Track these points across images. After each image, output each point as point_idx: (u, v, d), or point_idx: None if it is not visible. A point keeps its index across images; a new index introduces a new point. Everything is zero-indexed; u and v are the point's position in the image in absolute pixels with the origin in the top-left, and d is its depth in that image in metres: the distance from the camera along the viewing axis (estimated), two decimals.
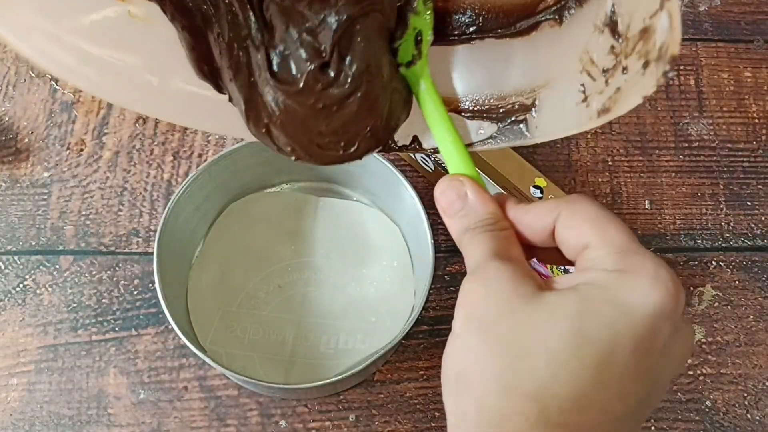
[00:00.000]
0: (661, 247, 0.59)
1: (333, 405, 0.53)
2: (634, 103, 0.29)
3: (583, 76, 0.32)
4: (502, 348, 0.26)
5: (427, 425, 0.53)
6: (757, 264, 0.59)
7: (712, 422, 0.54)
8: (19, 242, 0.58)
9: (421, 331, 0.56)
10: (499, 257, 0.29)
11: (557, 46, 0.34)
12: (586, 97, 0.32)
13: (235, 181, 0.55)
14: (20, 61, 0.65)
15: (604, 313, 0.25)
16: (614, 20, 0.30)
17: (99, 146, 0.62)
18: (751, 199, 0.61)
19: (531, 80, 0.36)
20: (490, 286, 0.28)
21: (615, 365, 0.25)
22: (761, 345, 0.56)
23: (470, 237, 0.30)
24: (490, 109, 0.37)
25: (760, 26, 0.68)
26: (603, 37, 0.31)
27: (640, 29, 0.28)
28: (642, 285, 0.26)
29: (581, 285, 0.26)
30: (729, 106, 0.64)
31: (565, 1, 0.33)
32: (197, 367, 0.54)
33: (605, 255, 0.27)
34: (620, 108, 0.30)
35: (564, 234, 0.29)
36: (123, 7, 0.35)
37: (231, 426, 0.53)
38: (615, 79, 0.30)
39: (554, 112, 0.35)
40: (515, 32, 0.36)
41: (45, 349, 0.55)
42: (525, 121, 0.36)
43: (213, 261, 0.56)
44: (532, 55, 0.36)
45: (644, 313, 0.25)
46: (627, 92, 0.29)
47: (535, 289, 0.27)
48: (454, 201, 0.32)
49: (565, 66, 0.34)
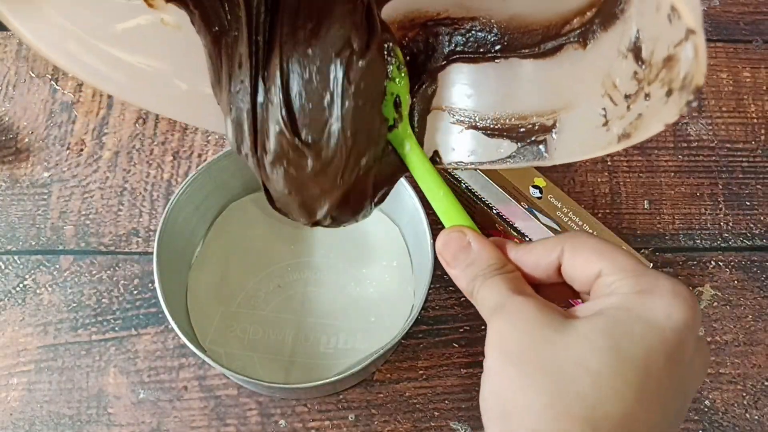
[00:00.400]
0: (660, 247, 0.59)
1: (332, 405, 0.54)
2: (656, 131, 0.29)
3: (605, 100, 0.32)
4: (544, 377, 0.26)
5: (426, 425, 0.53)
6: (756, 264, 0.59)
7: (711, 422, 0.54)
8: (19, 242, 0.58)
9: (420, 331, 0.56)
10: (518, 293, 0.29)
11: (580, 69, 0.35)
12: (607, 121, 0.32)
13: (235, 181, 0.55)
14: (20, 61, 0.65)
15: (634, 330, 0.26)
16: (638, 46, 0.30)
17: (99, 146, 0.62)
18: (750, 199, 0.61)
19: (552, 101, 0.36)
20: (518, 321, 0.28)
21: (653, 379, 0.26)
22: (760, 345, 0.56)
23: (481, 283, 0.31)
24: (510, 127, 0.38)
25: (759, 26, 0.68)
26: (626, 62, 0.30)
27: (664, 57, 0.28)
28: (664, 302, 0.27)
29: (606, 309, 0.27)
30: (728, 106, 0.64)
31: (590, 24, 0.33)
32: (197, 366, 0.54)
33: (620, 279, 0.28)
34: (641, 134, 0.30)
35: (573, 267, 0.30)
36: (155, 15, 0.36)
37: (231, 425, 0.53)
38: (637, 105, 0.30)
39: (574, 135, 0.35)
40: (539, 53, 0.36)
41: (45, 348, 0.55)
42: (545, 141, 0.36)
43: (213, 261, 0.56)
44: (555, 76, 0.36)
45: (671, 327, 0.26)
46: (649, 119, 0.29)
47: (562, 317, 0.28)
48: (458, 252, 0.32)
49: (587, 89, 0.34)
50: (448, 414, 0.53)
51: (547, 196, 0.54)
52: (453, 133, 0.40)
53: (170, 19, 0.36)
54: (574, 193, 0.60)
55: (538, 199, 0.54)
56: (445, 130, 0.40)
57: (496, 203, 0.54)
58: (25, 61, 0.65)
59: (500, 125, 0.38)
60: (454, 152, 0.39)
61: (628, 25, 0.31)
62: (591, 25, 0.33)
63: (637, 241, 0.59)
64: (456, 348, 0.55)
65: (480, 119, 0.39)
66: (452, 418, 0.53)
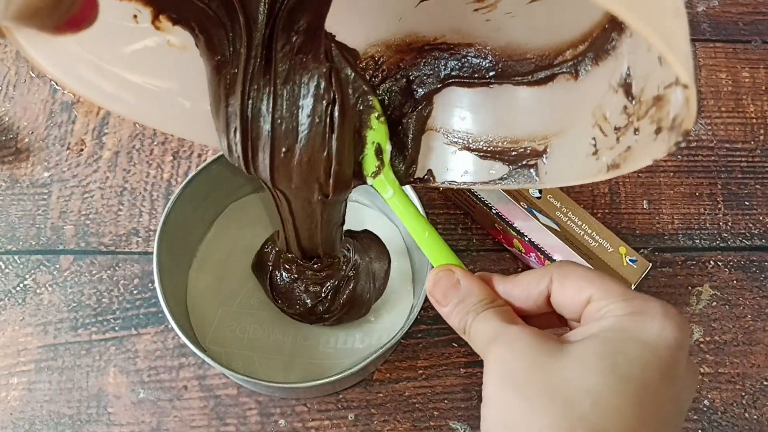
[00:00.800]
0: (660, 247, 0.59)
1: (332, 404, 0.54)
2: (644, 164, 0.29)
3: (595, 131, 0.33)
4: (545, 401, 0.27)
5: (425, 424, 0.53)
6: (755, 264, 0.59)
7: (710, 421, 0.54)
8: (19, 242, 0.58)
9: (420, 331, 0.56)
10: (512, 323, 0.30)
11: (572, 99, 0.35)
12: (596, 150, 0.33)
13: (234, 181, 0.55)
14: (20, 61, 0.65)
15: (630, 350, 0.27)
16: (629, 83, 0.30)
17: (99, 146, 0.62)
18: (749, 198, 0.61)
19: (544, 127, 0.37)
20: (516, 348, 0.29)
21: (650, 396, 0.27)
22: (759, 344, 0.56)
23: (473, 317, 0.32)
24: (502, 150, 0.39)
25: (758, 26, 0.68)
26: (617, 96, 0.31)
27: (654, 96, 0.28)
28: (656, 323, 0.28)
29: (600, 332, 0.28)
30: (727, 107, 0.65)
31: (582, 57, 0.34)
32: (197, 366, 0.54)
33: (611, 303, 0.29)
34: (629, 166, 0.30)
35: (563, 295, 0.31)
36: (162, 37, 0.37)
37: (230, 425, 0.53)
38: (626, 138, 0.31)
39: (564, 161, 0.36)
40: (533, 81, 0.37)
41: (45, 348, 0.55)
42: (535, 166, 0.37)
43: (213, 261, 0.56)
44: (547, 104, 0.37)
45: (665, 346, 0.27)
46: (637, 152, 0.30)
47: (558, 343, 0.29)
48: (449, 290, 0.33)
49: (578, 118, 0.34)
50: (448, 413, 0.53)
51: (547, 196, 0.54)
52: (447, 153, 0.41)
53: (176, 41, 0.37)
54: (573, 193, 0.60)
55: (537, 199, 0.54)
56: (439, 150, 0.41)
57: (496, 203, 0.55)
58: (25, 62, 0.65)
59: (493, 148, 0.39)
60: (447, 172, 0.40)
61: (619, 62, 0.31)
62: (583, 58, 0.34)
63: (636, 240, 0.59)
64: (455, 348, 0.55)
65: (473, 141, 0.40)
66: (451, 418, 0.53)
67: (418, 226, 0.36)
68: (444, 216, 0.60)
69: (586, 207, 0.57)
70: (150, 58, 0.37)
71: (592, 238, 0.53)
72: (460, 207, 0.59)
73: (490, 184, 0.39)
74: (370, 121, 0.37)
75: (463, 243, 0.59)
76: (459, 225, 0.60)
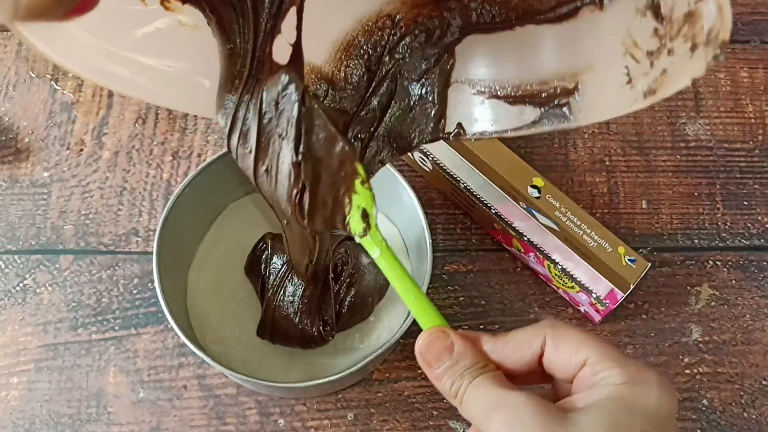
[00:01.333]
0: (658, 247, 0.59)
1: (331, 404, 0.54)
2: (682, 85, 0.29)
3: (627, 59, 0.32)
4: None
5: (425, 424, 0.53)
6: (754, 263, 0.59)
7: (708, 421, 0.54)
8: (19, 242, 0.58)
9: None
10: (510, 389, 0.31)
11: (599, 31, 0.35)
12: (630, 79, 0.32)
13: (234, 181, 0.55)
14: (20, 61, 0.65)
15: (630, 421, 0.28)
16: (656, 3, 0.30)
17: (98, 146, 0.62)
18: (747, 198, 0.61)
19: (573, 65, 0.36)
20: (524, 415, 0.29)
21: None
22: (758, 344, 0.56)
23: (468, 383, 0.32)
24: (532, 93, 0.38)
25: (757, 27, 0.68)
26: (645, 20, 0.31)
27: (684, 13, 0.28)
28: (653, 393, 0.29)
29: (601, 401, 0.29)
30: (726, 107, 0.65)
31: None
32: (196, 365, 0.55)
33: (608, 369, 0.30)
34: (667, 89, 0.30)
35: (557, 357, 0.31)
36: (173, 18, 0.36)
37: (230, 425, 0.53)
38: (660, 61, 0.30)
39: (598, 95, 0.35)
40: (555, 17, 0.36)
41: (45, 348, 0.55)
42: (568, 104, 0.36)
43: (212, 260, 0.56)
44: (574, 39, 0.36)
45: (663, 415, 0.29)
46: (674, 74, 0.29)
47: (561, 411, 0.29)
48: (442, 353, 0.33)
49: (608, 50, 0.34)
50: (447, 413, 0.54)
51: (546, 196, 0.54)
52: (475, 104, 0.40)
53: (187, 20, 0.36)
54: (572, 192, 0.61)
55: (536, 199, 0.54)
56: (466, 102, 0.40)
57: (495, 203, 0.55)
58: (25, 61, 0.65)
59: (521, 92, 0.38)
60: (477, 123, 0.39)
61: None
62: None
63: (636, 240, 0.59)
64: None
65: (500, 88, 0.39)
66: (451, 417, 0.53)
67: (407, 289, 0.36)
68: (443, 216, 0.60)
69: (585, 207, 0.57)
70: (163, 40, 0.37)
71: (591, 238, 0.53)
72: (460, 207, 0.59)
73: (523, 128, 0.38)
74: (355, 186, 0.38)
75: (462, 243, 0.59)
76: (458, 225, 0.60)
